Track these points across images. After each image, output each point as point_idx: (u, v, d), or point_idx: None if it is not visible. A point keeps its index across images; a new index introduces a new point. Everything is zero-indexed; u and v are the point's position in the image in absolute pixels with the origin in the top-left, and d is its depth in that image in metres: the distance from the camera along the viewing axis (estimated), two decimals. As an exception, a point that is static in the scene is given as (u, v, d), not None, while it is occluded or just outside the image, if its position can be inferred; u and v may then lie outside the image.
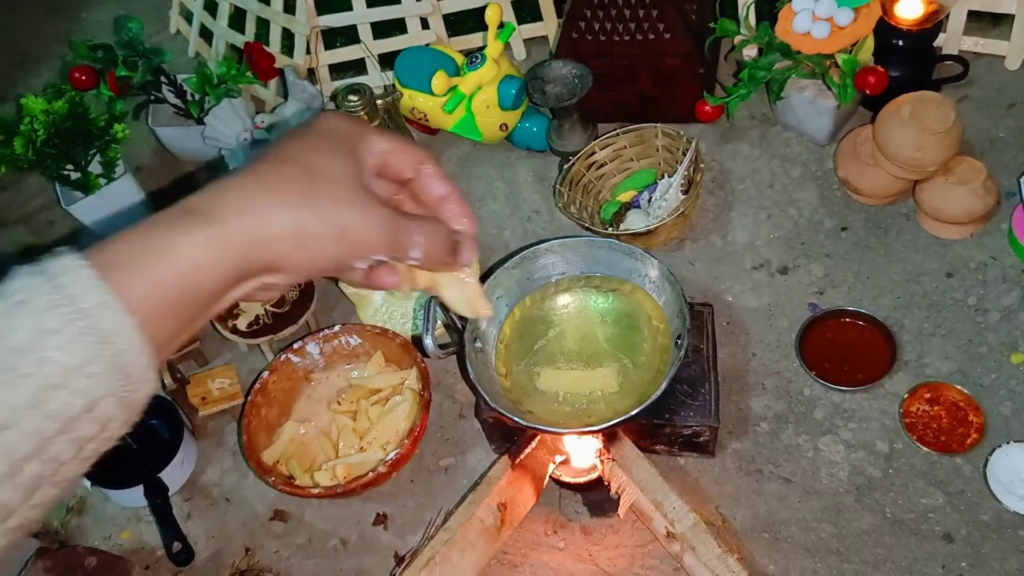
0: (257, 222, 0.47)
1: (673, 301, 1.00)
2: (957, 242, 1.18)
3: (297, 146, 0.51)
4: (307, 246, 0.49)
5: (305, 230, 0.48)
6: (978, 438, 1.01)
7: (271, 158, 0.50)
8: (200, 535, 1.12)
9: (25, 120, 1.29)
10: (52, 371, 0.41)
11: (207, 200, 0.47)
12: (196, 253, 0.45)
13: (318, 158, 0.50)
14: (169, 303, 0.45)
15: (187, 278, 0.46)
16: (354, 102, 1.26)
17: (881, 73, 1.14)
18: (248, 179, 0.48)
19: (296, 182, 0.49)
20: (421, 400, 1.08)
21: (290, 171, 0.49)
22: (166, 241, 0.45)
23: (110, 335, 0.42)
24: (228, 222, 0.46)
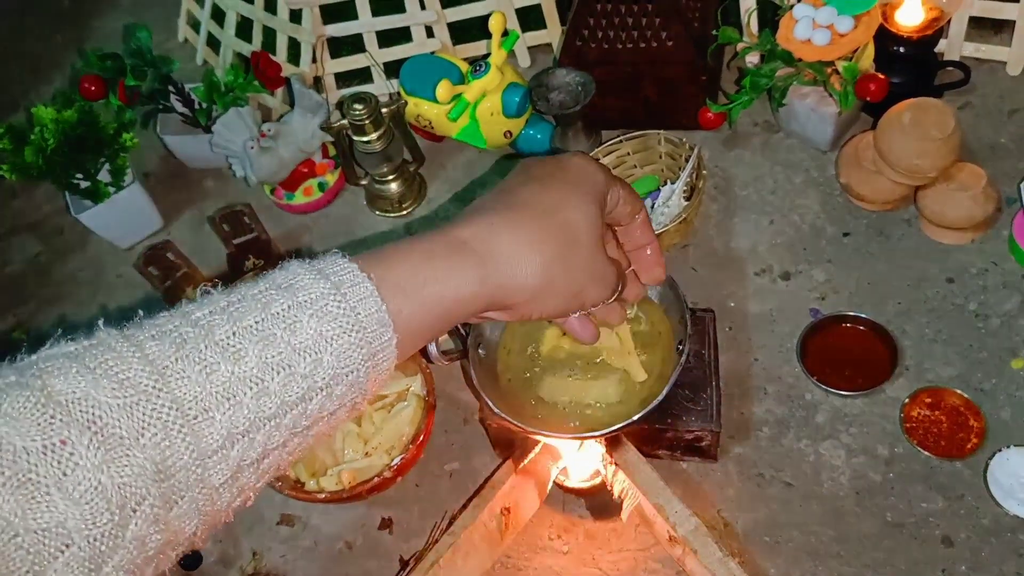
0: (517, 273, 0.52)
1: (675, 306, 1.01)
2: (958, 248, 1.19)
3: (548, 192, 0.55)
4: (545, 300, 0.54)
5: (550, 288, 0.53)
6: (978, 443, 1.02)
7: (522, 201, 0.54)
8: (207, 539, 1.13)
9: (35, 129, 1.31)
10: (323, 375, 0.46)
11: (478, 237, 0.52)
12: (462, 290, 0.51)
13: (573, 213, 0.54)
14: (427, 326, 0.51)
15: (447, 307, 0.51)
16: (359, 111, 1.28)
17: (882, 80, 1.15)
18: (513, 221, 0.53)
19: (553, 240, 0.53)
20: (426, 405, 1.09)
21: (549, 225, 0.53)
22: (440, 272, 0.50)
23: (377, 351, 0.47)
24: (494, 266, 0.51)
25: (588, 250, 0.55)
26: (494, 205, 0.54)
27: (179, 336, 0.44)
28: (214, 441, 0.43)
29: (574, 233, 0.54)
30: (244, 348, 0.44)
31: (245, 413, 0.43)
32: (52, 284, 1.49)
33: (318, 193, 1.43)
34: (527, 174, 0.57)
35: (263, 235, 1.35)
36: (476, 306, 0.52)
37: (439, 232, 0.52)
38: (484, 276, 0.51)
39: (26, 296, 1.49)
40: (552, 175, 0.56)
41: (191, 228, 1.50)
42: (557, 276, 0.53)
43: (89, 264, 1.50)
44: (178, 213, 1.52)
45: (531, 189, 0.55)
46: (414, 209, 1.41)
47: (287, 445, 0.47)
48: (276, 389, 0.45)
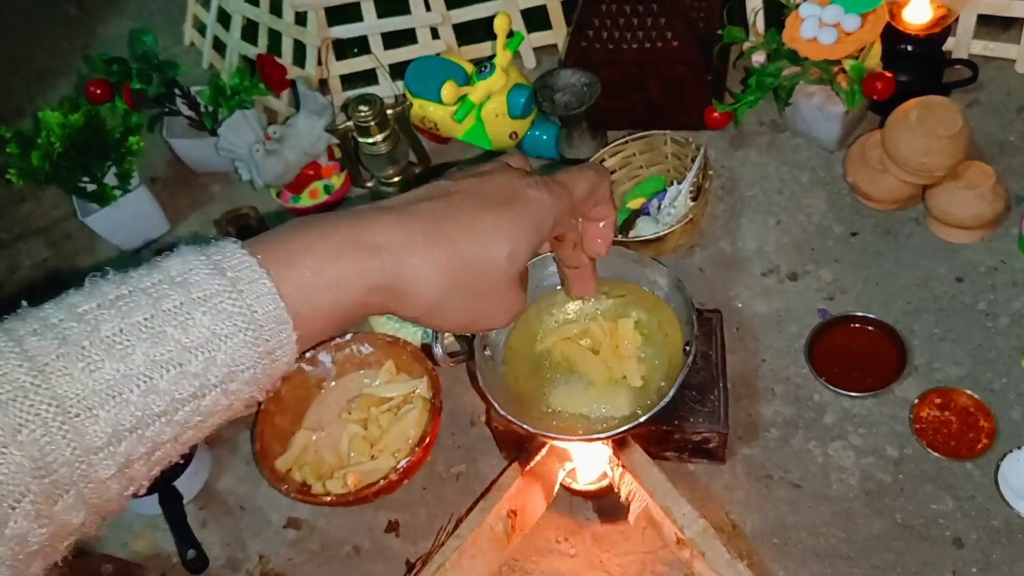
0: (418, 291, 0.51)
1: (682, 308, 1.00)
2: (967, 247, 1.18)
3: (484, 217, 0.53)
4: (437, 318, 0.53)
5: (445, 311, 0.53)
6: (989, 443, 1.01)
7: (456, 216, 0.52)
8: (215, 543, 1.13)
9: (42, 133, 1.31)
10: (216, 373, 0.45)
11: (392, 248, 0.50)
12: (364, 296, 0.50)
13: (499, 251, 0.53)
14: (326, 324, 0.50)
15: (347, 308, 0.50)
16: (364, 112, 1.28)
17: (888, 79, 1.14)
18: (433, 241, 0.51)
19: (466, 273, 0.52)
20: (432, 407, 1.09)
21: (469, 258, 0.52)
22: (345, 277, 0.49)
23: (274, 348, 0.46)
24: (397, 279, 0.50)
25: (499, 285, 0.54)
26: (423, 214, 0.52)
27: (62, 331, 0.42)
28: (99, 438, 0.41)
29: (491, 272, 0.53)
30: (132, 345, 0.43)
31: (132, 411, 0.42)
32: (61, 289, 1.48)
33: (324, 195, 1.43)
34: (481, 186, 0.55)
35: (269, 238, 1.35)
36: (372, 310, 0.52)
37: (353, 225, 0.50)
38: (385, 284, 0.50)
39: (35, 300, 1.48)
40: (503, 201, 0.54)
41: (197, 232, 1.50)
42: (456, 301, 0.53)
43: (97, 268, 1.50)
44: (184, 216, 1.52)
45: (471, 206, 0.53)
46: (420, 211, 1.41)
47: (180, 438, 0.46)
48: (165, 387, 0.43)
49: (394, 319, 1.23)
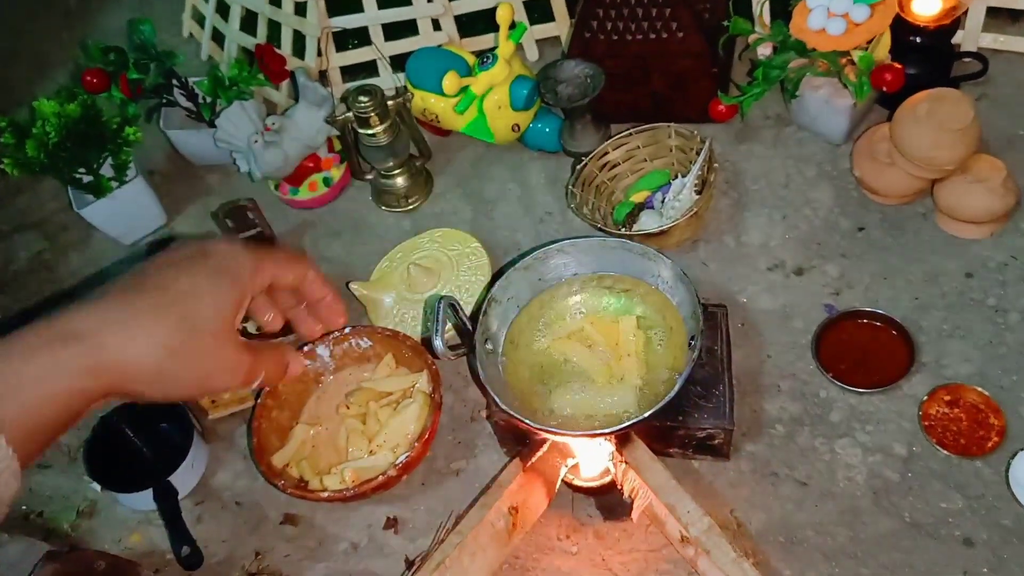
0: (130, 361, 0.51)
1: (687, 302, 0.99)
2: (976, 242, 1.16)
3: (182, 279, 0.54)
4: (167, 386, 0.54)
5: (170, 375, 0.53)
6: (999, 441, 0.99)
7: (153, 285, 0.54)
8: (210, 539, 1.11)
9: (37, 123, 1.30)
10: None
11: (88, 326, 0.51)
12: (72, 384, 0.50)
13: (200, 303, 0.54)
14: (44, 423, 0.50)
15: (61, 402, 0.50)
16: (364, 103, 1.26)
17: (898, 70, 1.12)
18: (128, 309, 0.52)
19: (172, 329, 0.53)
20: (432, 402, 1.07)
21: (168, 313, 0.53)
22: (44, 368, 0.49)
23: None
24: (106, 355, 0.50)
25: (213, 339, 0.55)
26: (117, 289, 0.53)
27: None
28: None
29: (197, 322, 0.54)
30: None
31: None
32: (56, 281, 1.48)
33: (323, 188, 1.41)
34: (167, 258, 0.56)
35: (267, 230, 1.33)
36: (93, 396, 0.51)
37: (47, 323, 0.51)
38: (94, 366, 0.50)
39: (30, 293, 1.47)
40: (191, 261, 0.56)
41: (195, 224, 1.48)
42: (176, 365, 0.53)
43: (92, 261, 1.49)
44: (182, 209, 1.51)
45: (164, 275, 0.55)
46: (420, 204, 1.39)
47: None
48: None
49: (394, 313, 1.21)
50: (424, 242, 1.28)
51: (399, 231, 1.37)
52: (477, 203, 1.38)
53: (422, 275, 1.21)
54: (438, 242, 1.27)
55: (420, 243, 1.28)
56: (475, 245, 1.25)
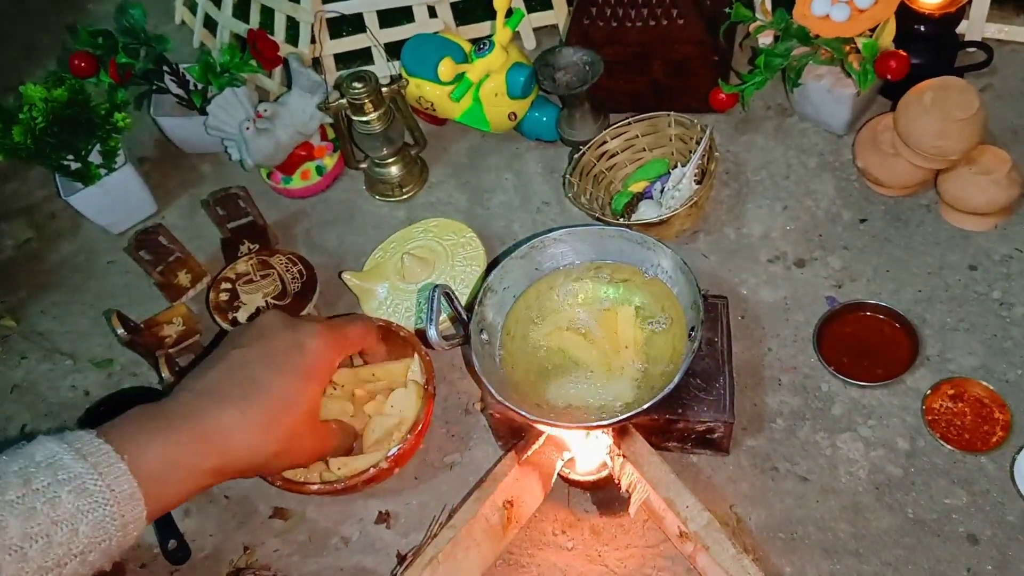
0: (245, 463, 0.68)
1: (687, 292, 0.96)
2: (980, 234, 1.14)
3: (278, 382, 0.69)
4: (271, 467, 0.73)
5: (270, 467, 0.72)
6: (1004, 436, 0.97)
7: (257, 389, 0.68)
8: (198, 533, 1.09)
9: (24, 108, 1.27)
10: (79, 544, 0.53)
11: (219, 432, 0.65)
12: (202, 478, 0.64)
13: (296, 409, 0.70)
14: (172, 500, 0.63)
15: (190, 487, 0.64)
16: (358, 89, 1.24)
17: (903, 57, 1.10)
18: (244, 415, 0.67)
19: (278, 434, 0.69)
20: (425, 393, 1.05)
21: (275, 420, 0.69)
22: (185, 461, 0.62)
23: (128, 522, 0.56)
24: (228, 459, 0.65)
25: (309, 433, 0.72)
26: (230, 392, 0.67)
27: None
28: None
29: (297, 424, 0.69)
30: (5, 520, 0.51)
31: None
32: (43, 270, 1.45)
33: (316, 177, 1.39)
34: (263, 348, 0.70)
35: (259, 220, 1.31)
36: (216, 482, 0.67)
37: (187, 417, 0.64)
38: (220, 466, 0.65)
39: (17, 283, 1.44)
40: (288, 357, 0.70)
41: (186, 213, 1.45)
42: (282, 455, 0.70)
43: (81, 250, 1.46)
44: (173, 198, 1.48)
45: (266, 375, 0.69)
46: (415, 194, 1.37)
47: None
48: (35, 555, 0.52)
49: (387, 303, 1.19)
50: (418, 232, 1.26)
51: (393, 221, 1.35)
52: (473, 193, 1.36)
53: (416, 265, 1.19)
54: (433, 232, 1.25)
55: (414, 233, 1.26)
56: (470, 235, 1.23)
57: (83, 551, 0.53)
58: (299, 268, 1.22)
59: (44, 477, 0.53)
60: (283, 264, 1.22)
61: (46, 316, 1.37)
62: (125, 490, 0.55)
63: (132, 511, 0.55)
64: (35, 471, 0.53)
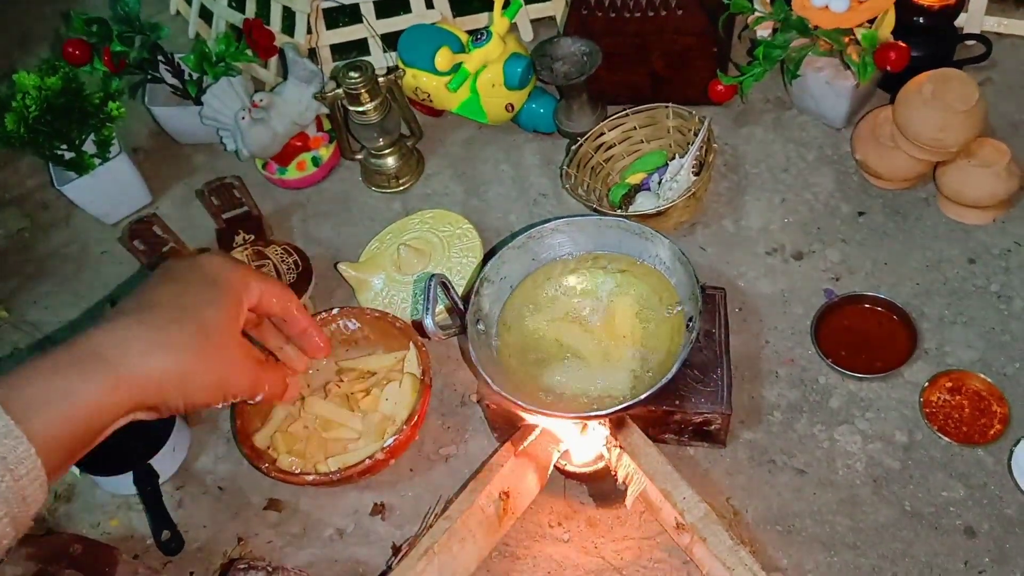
0: (152, 372, 0.55)
1: (685, 283, 0.96)
2: (979, 227, 1.14)
3: (185, 291, 0.60)
4: (189, 393, 0.58)
5: (190, 381, 0.57)
6: (1002, 429, 0.97)
7: (161, 301, 0.59)
8: (191, 524, 1.08)
9: (17, 96, 1.26)
10: None
11: (109, 343, 0.54)
12: (96, 399, 0.53)
13: (206, 309, 0.59)
14: (71, 437, 0.53)
15: (85, 418, 0.53)
16: (355, 79, 1.23)
17: (903, 48, 1.09)
18: (143, 324, 0.56)
19: (187, 337, 0.57)
20: (421, 385, 1.04)
21: (181, 322, 0.58)
22: (70, 384, 0.52)
23: (16, 469, 0.49)
24: (127, 370, 0.54)
25: (223, 345, 0.59)
26: (129, 309, 0.58)
27: None
28: None
29: (208, 329, 0.58)
30: None
31: None
32: (36, 260, 1.44)
33: (312, 168, 1.38)
34: (166, 275, 0.61)
35: (254, 210, 1.30)
36: (119, 411, 0.54)
37: (70, 343, 0.54)
38: (117, 382, 0.54)
39: (8, 272, 1.43)
40: (190, 275, 0.61)
41: (180, 204, 1.44)
42: (194, 370, 0.57)
43: (74, 240, 1.45)
44: (167, 188, 1.47)
45: (168, 290, 0.59)
46: (411, 185, 1.36)
47: None
48: None
49: (383, 294, 1.18)
50: (415, 223, 1.25)
51: (389, 212, 1.34)
52: (469, 184, 1.35)
53: (412, 256, 1.18)
54: (429, 223, 1.24)
55: (410, 224, 1.25)
56: (467, 226, 1.22)
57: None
58: (295, 259, 1.21)
59: None
60: (278, 255, 1.21)
61: (38, 306, 1.36)
62: None
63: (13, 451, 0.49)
64: None
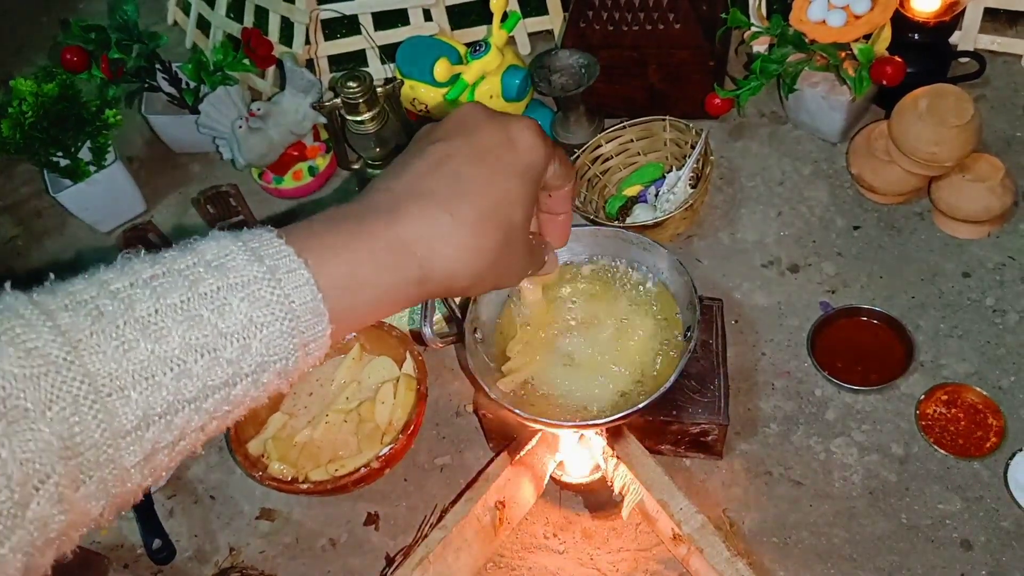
0: (456, 275, 0.52)
1: (682, 292, 0.96)
2: (974, 242, 1.14)
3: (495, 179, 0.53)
4: (469, 291, 0.55)
5: (485, 280, 0.54)
6: (997, 442, 0.97)
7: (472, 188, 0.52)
8: (183, 533, 1.07)
9: (14, 102, 1.25)
10: (250, 362, 0.43)
11: (422, 240, 0.50)
12: (399, 292, 0.50)
13: (516, 210, 0.53)
14: (361, 319, 0.50)
15: (383, 304, 0.50)
16: (353, 88, 1.22)
17: (898, 63, 1.10)
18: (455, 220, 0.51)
19: (494, 238, 0.52)
20: (417, 394, 1.03)
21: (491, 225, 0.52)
22: (381, 275, 0.49)
23: (309, 340, 0.46)
24: (433, 268, 0.50)
25: (518, 247, 0.55)
26: (438, 189, 0.52)
27: (96, 308, 0.41)
28: (128, 421, 0.40)
29: (512, 232, 0.53)
30: (167, 327, 0.42)
31: (164, 395, 0.41)
32: (28, 268, 1.43)
33: (308, 177, 1.38)
34: (471, 143, 0.53)
35: (250, 219, 1.30)
36: (412, 302, 0.52)
37: (386, 219, 0.50)
38: (424, 277, 0.50)
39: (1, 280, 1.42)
40: (498, 148, 0.53)
41: (176, 213, 1.44)
42: (491, 272, 0.53)
43: (67, 248, 1.44)
44: (162, 197, 1.46)
45: (480, 173, 0.53)
46: (408, 196, 1.36)
47: (205, 428, 0.44)
48: (199, 372, 0.42)
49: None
50: (411, 233, 1.24)
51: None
52: (466, 195, 1.35)
53: (409, 265, 1.17)
54: (425, 233, 1.24)
55: (407, 234, 1.25)
56: (463, 236, 1.22)
57: (255, 370, 0.43)
58: (290, 267, 1.21)
59: (213, 280, 0.43)
60: (274, 263, 1.21)
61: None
62: (307, 302, 0.45)
63: (314, 328, 0.45)
64: (204, 272, 0.43)
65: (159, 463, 0.42)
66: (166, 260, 0.44)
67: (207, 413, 0.43)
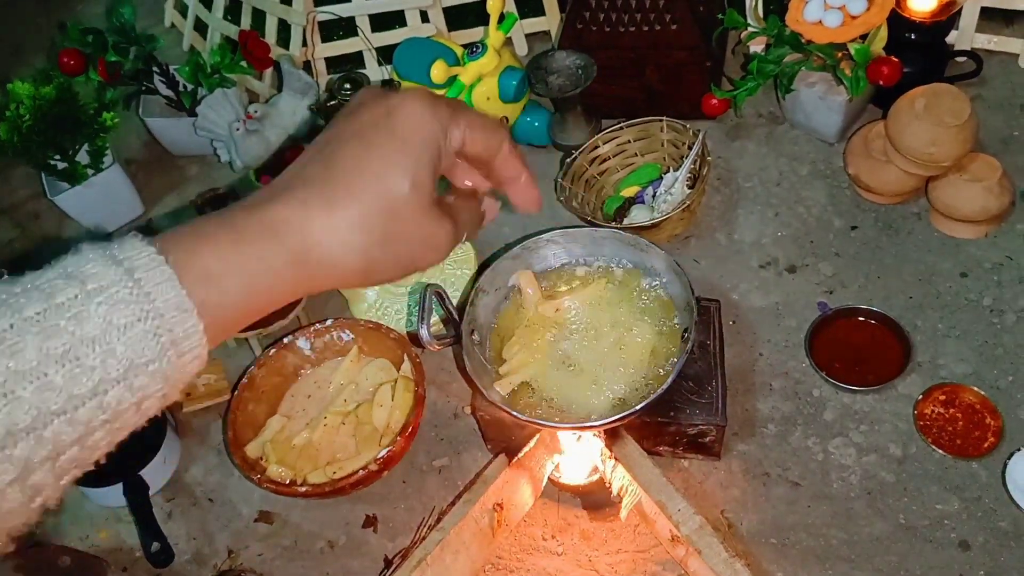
0: (335, 259, 0.48)
1: (680, 293, 0.96)
2: (971, 242, 1.14)
3: (368, 154, 0.50)
4: (373, 277, 0.51)
5: (376, 267, 0.50)
6: (995, 442, 0.97)
7: (344, 166, 0.49)
8: (181, 536, 1.07)
9: (11, 105, 1.25)
10: (117, 366, 0.42)
11: (292, 220, 0.47)
12: (273, 278, 0.47)
13: (397, 182, 0.49)
14: (239, 313, 0.47)
15: (258, 294, 0.47)
16: (350, 91, 1.23)
17: (895, 63, 1.10)
18: (330, 200, 0.48)
19: (375, 218, 0.49)
20: (415, 396, 1.03)
21: (371, 201, 0.49)
22: (249, 260, 0.46)
23: (179, 339, 0.44)
24: (307, 253, 0.48)
25: (415, 220, 0.50)
26: (312, 175, 0.50)
27: None
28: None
29: (398, 205, 0.50)
30: (23, 341, 0.40)
31: (25, 408, 0.40)
32: (26, 271, 1.43)
33: (306, 179, 1.37)
34: (351, 126, 0.51)
35: (247, 221, 1.29)
36: (293, 292, 0.49)
37: (252, 209, 0.48)
38: (297, 261, 0.47)
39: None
40: (377, 127, 0.51)
41: (173, 215, 1.44)
42: (382, 252, 0.50)
43: (65, 251, 1.43)
44: (160, 200, 1.46)
45: (352, 150, 0.50)
46: (405, 197, 1.36)
47: (86, 441, 0.43)
48: (61, 382, 0.41)
49: (377, 306, 1.17)
50: (408, 235, 1.24)
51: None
52: (463, 197, 1.35)
53: (406, 267, 1.17)
54: (423, 235, 1.24)
55: (404, 236, 1.25)
56: (461, 238, 1.22)
57: (124, 375, 0.42)
58: (288, 269, 1.21)
59: (71, 289, 0.42)
60: (271, 265, 1.21)
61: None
62: (170, 299, 0.43)
63: (183, 324, 0.44)
64: (62, 282, 0.42)
65: (41, 481, 0.41)
66: (27, 278, 0.44)
67: (82, 424, 0.42)
